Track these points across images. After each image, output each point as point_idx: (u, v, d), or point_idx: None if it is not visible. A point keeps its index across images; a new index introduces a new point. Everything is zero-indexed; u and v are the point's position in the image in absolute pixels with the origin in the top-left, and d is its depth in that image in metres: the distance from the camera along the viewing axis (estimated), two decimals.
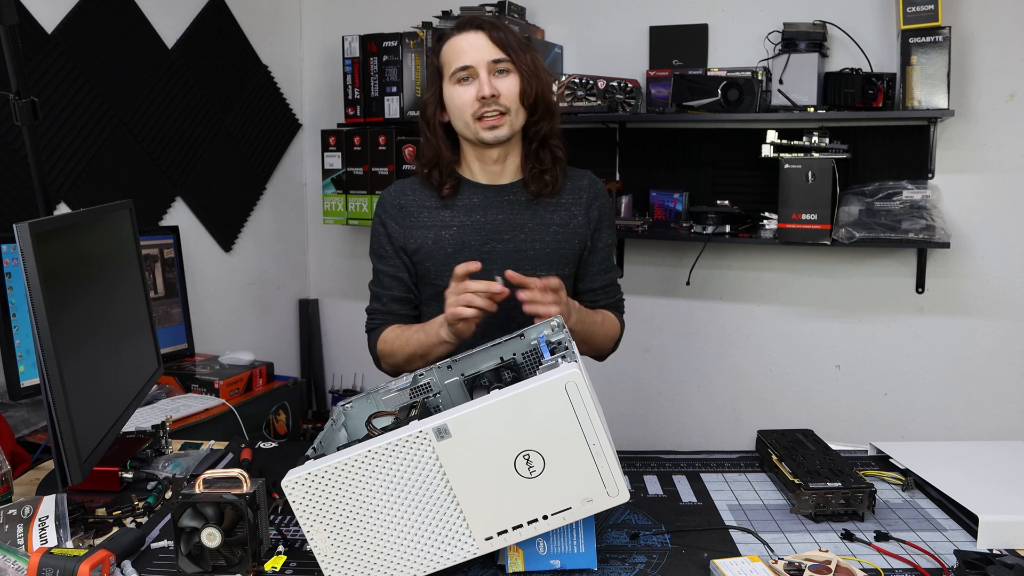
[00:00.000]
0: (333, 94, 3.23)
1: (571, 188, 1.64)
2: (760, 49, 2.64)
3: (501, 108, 1.51)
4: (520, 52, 1.52)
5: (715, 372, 2.90)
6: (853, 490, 1.27)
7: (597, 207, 1.65)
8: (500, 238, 1.59)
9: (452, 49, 1.53)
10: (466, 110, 1.52)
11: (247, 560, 1.10)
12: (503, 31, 1.52)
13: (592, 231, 1.64)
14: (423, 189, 1.63)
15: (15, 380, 1.86)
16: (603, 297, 1.68)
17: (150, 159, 2.60)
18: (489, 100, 1.49)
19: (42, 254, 1.13)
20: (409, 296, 1.64)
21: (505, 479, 1.01)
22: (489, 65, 1.50)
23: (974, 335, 2.60)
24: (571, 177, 1.65)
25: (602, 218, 1.66)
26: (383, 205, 1.64)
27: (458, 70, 1.51)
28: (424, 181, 1.62)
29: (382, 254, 1.65)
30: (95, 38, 2.38)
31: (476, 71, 1.50)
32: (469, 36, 1.52)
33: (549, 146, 1.59)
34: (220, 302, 2.94)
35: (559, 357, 1.14)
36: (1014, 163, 2.50)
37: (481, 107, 1.50)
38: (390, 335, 1.61)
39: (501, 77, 1.51)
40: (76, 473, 1.15)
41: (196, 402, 2.20)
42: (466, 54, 1.51)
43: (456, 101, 1.53)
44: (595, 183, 1.67)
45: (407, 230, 1.61)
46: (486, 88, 1.49)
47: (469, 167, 1.62)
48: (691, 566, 1.13)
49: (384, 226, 1.63)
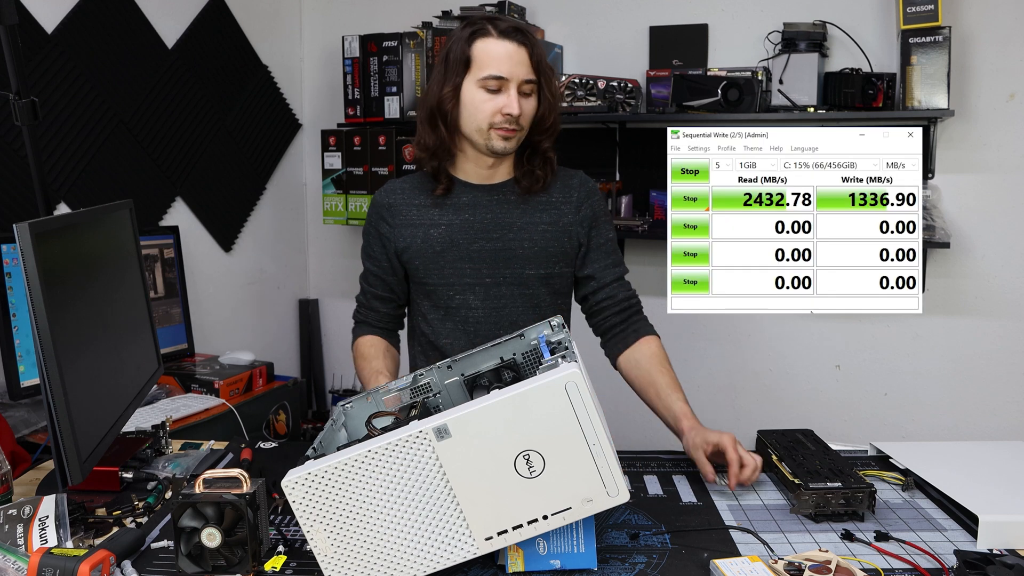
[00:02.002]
0: (333, 94, 3.22)
1: (561, 187, 1.64)
2: (760, 49, 2.64)
3: (517, 126, 1.53)
4: (548, 76, 1.55)
5: (715, 372, 2.90)
6: (853, 490, 1.27)
7: (589, 205, 1.65)
8: (489, 236, 1.59)
9: (489, 53, 1.51)
10: (485, 117, 1.52)
11: (247, 560, 1.10)
12: (540, 51, 1.54)
13: (587, 229, 1.64)
14: (413, 188, 1.64)
15: (15, 380, 1.86)
16: (620, 290, 1.65)
17: (150, 159, 2.60)
18: (512, 118, 1.51)
19: (42, 254, 1.13)
20: (391, 296, 1.69)
21: (505, 479, 1.01)
22: (521, 84, 1.51)
23: (974, 335, 2.60)
24: (562, 176, 1.66)
25: (596, 216, 1.65)
26: (374, 205, 1.67)
27: (491, 77, 1.50)
28: (429, 171, 1.62)
29: (370, 252, 1.68)
30: (95, 38, 2.38)
31: (508, 85, 1.50)
32: (511, 46, 1.50)
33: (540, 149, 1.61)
34: (220, 302, 2.94)
35: (559, 357, 1.14)
36: (1014, 163, 2.50)
37: (503, 121, 1.51)
38: (360, 348, 1.69)
39: (526, 98, 1.53)
40: (76, 473, 1.15)
41: (196, 402, 2.20)
42: (504, 65, 1.50)
43: (478, 105, 1.52)
44: (586, 182, 1.68)
45: (396, 229, 1.62)
46: (514, 107, 1.50)
47: (462, 167, 1.62)
48: (691, 566, 1.13)
49: (375, 226, 1.65)
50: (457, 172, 1.63)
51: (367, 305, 1.72)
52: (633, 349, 1.62)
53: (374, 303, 1.70)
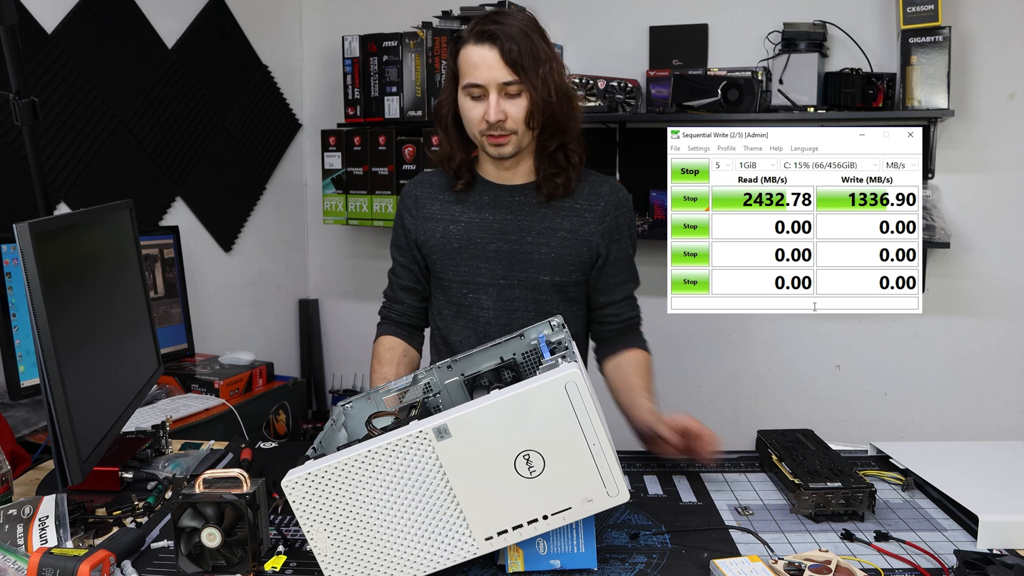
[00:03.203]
0: (333, 94, 3.22)
1: (588, 194, 1.59)
2: (760, 49, 2.64)
3: (507, 130, 1.49)
4: (532, 71, 1.46)
5: (715, 372, 2.90)
6: (853, 490, 1.27)
7: (614, 216, 1.60)
8: (507, 238, 1.58)
9: (465, 60, 1.49)
10: (474, 125, 1.51)
11: (247, 560, 1.10)
12: (517, 43, 1.45)
13: (608, 241, 1.59)
14: (441, 182, 1.64)
15: (15, 380, 1.86)
16: (627, 309, 1.65)
17: (150, 159, 2.60)
18: (495, 124, 1.48)
19: (42, 254, 1.13)
20: (417, 287, 1.68)
21: (505, 479, 1.01)
22: (499, 87, 1.46)
23: (974, 335, 2.60)
24: (591, 183, 1.61)
25: (620, 228, 1.61)
26: (403, 195, 1.69)
27: (470, 86, 1.48)
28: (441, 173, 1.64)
29: (398, 243, 1.69)
30: (95, 38, 2.38)
31: (486, 91, 1.47)
32: (483, 50, 1.46)
33: (565, 149, 1.56)
34: (220, 302, 2.94)
35: (559, 357, 1.14)
36: (1014, 163, 2.50)
37: (488, 128, 1.49)
38: (378, 350, 1.67)
39: (511, 100, 1.47)
40: (76, 473, 1.15)
41: (196, 402, 2.20)
42: (478, 71, 1.46)
43: (467, 114, 1.51)
44: (616, 191, 1.62)
45: (419, 221, 1.63)
46: (492, 113, 1.46)
47: (483, 166, 1.62)
48: (691, 566, 1.13)
49: (401, 217, 1.67)
50: (481, 170, 1.63)
51: (394, 298, 1.71)
52: (620, 355, 1.64)
53: (400, 294, 1.70)
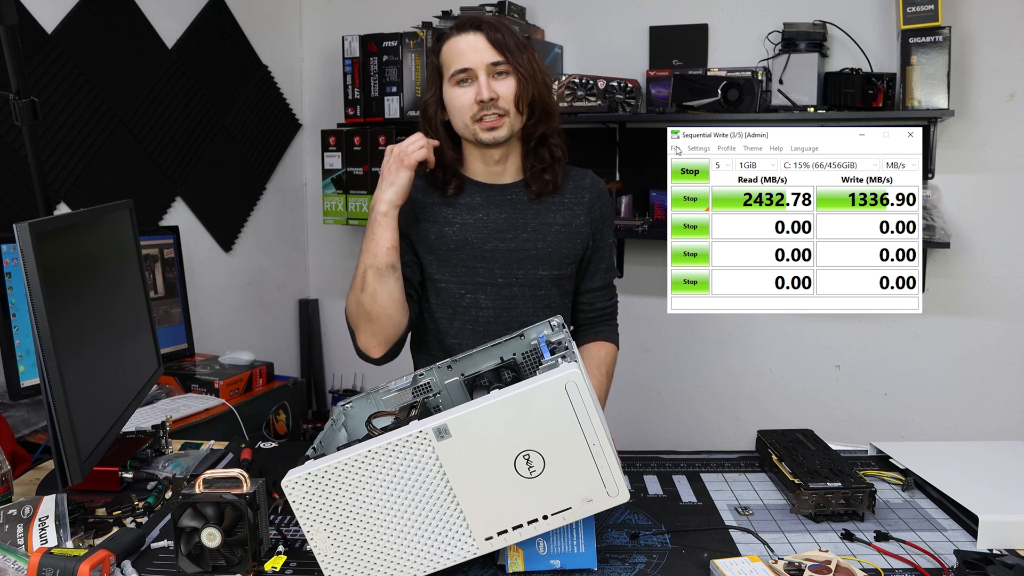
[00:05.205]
0: (333, 94, 3.23)
1: (573, 187, 1.64)
2: (760, 49, 2.64)
3: (500, 110, 1.51)
4: (518, 54, 1.52)
5: (715, 372, 2.90)
6: (853, 490, 1.27)
7: (599, 207, 1.65)
8: (502, 237, 1.59)
9: (451, 51, 1.53)
10: (465, 112, 1.52)
11: (247, 560, 1.10)
12: (501, 31, 1.52)
13: (594, 231, 1.64)
14: (430, 184, 1.64)
15: (15, 380, 1.86)
16: (601, 299, 1.69)
17: (150, 159, 2.60)
18: (488, 103, 1.50)
19: (42, 254, 1.13)
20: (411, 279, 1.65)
21: (505, 479, 1.01)
22: (488, 67, 1.50)
23: (974, 335, 2.60)
24: (573, 176, 1.65)
25: (604, 218, 1.66)
26: None
27: (457, 72, 1.51)
28: (428, 179, 1.63)
29: None
30: (95, 38, 2.38)
31: (475, 73, 1.50)
32: (468, 38, 1.52)
33: (548, 144, 1.59)
34: (220, 302, 2.94)
35: (559, 357, 1.14)
36: (1014, 163, 2.50)
37: (480, 109, 1.50)
38: None
39: (500, 80, 1.51)
40: (76, 473, 1.15)
41: (196, 402, 2.20)
42: (465, 56, 1.51)
43: (456, 103, 1.53)
44: (597, 183, 1.68)
45: (413, 223, 1.63)
46: (484, 92, 1.49)
47: (471, 167, 1.62)
48: (691, 566, 1.13)
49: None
50: (467, 172, 1.63)
51: None
52: (585, 348, 1.65)
53: None
